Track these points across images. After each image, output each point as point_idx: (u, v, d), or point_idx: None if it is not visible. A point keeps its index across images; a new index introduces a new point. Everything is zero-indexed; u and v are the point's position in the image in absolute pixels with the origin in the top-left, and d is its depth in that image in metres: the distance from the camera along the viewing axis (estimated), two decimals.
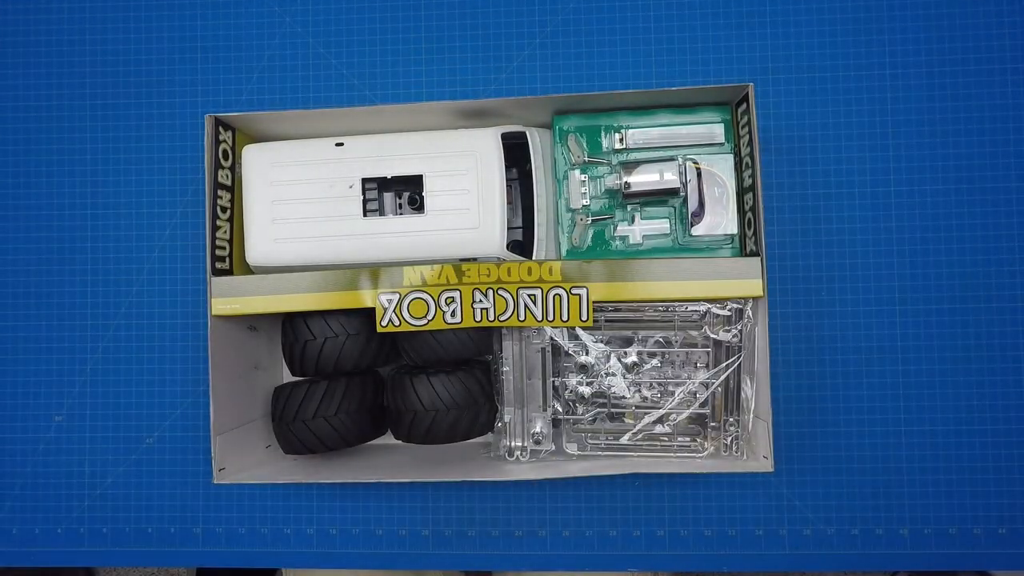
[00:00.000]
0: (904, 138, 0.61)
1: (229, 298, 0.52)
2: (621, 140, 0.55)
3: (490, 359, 0.57)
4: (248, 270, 0.56)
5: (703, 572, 0.66)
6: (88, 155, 0.66)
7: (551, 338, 0.53)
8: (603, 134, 0.56)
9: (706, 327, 0.52)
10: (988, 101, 0.61)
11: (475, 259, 0.54)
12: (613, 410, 0.54)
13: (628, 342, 0.53)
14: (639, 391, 0.53)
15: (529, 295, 0.50)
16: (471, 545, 0.62)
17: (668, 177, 0.54)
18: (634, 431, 0.53)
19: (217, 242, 0.53)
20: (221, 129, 0.54)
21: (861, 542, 0.60)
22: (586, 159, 0.56)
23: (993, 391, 0.60)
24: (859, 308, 0.61)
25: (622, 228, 0.56)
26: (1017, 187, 0.60)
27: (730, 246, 0.54)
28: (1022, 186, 0.60)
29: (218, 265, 0.53)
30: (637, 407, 0.54)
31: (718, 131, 0.54)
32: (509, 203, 0.57)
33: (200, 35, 0.66)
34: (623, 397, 0.53)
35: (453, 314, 0.51)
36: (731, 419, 0.52)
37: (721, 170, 0.54)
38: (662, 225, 0.55)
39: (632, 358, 0.53)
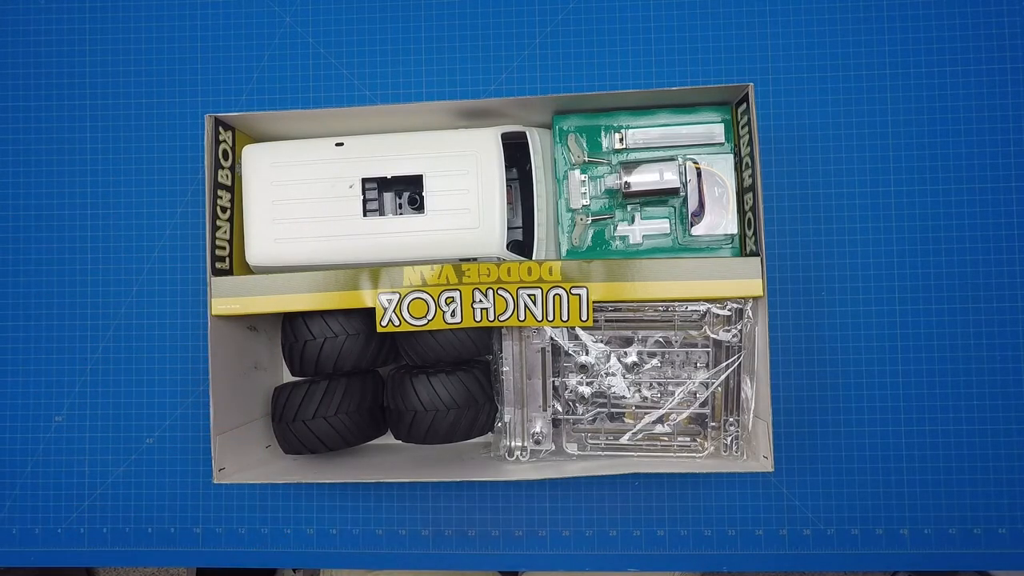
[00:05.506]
0: (904, 138, 0.61)
1: (229, 298, 0.52)
2: (621, 140, 0.55)
3: (490, 359, 0.57)
4: (248, 270, 0.56)
5: (703, 572, 0.66)
6: (88, 155, 0.66)
7: (551, 338, 0.53)
8: (603, 134, 0.56)
9: (706, 327, 0.52)
10: (988, 101, 0.61)
11: (475, 259, 0.54)
12: (613, 410, 0.54)
13: (628, 342, 0.53)
14: (639, 391, 0.53)
15: (529, 295, 0.50)
16: (471, 545, 0.62)
17: (668, 177, 0.54)
18: (634, 431, 0.53)
19: (217, 242, 0.53)
20: (221, 129, 0.54)
21: (861, 542, 0.60)
22: (586, 159, 0.56)
23: (993, 391, 0.60)
24: (859, 308, 0.61)
25: (622, 228, 0.56)
26: (1017, 187, 0.60)
27: (730, 246, 0.54)
28: (1022, 186, 0.60)
29: (218, 265, 0.53)
30: (637, 407, 0.54)
31: (718, 131, 0.54)
32: (509, 203, 0.57)
33: (200, 35, 0.66)
34: (623, 397, 0.53)
35: (453, 314, 0.51)
36: (731, 419, 0.52)
37: (721, 170, 0.54)
38: (662, 225, 0.55)
39: (632, 358, 0.53)
